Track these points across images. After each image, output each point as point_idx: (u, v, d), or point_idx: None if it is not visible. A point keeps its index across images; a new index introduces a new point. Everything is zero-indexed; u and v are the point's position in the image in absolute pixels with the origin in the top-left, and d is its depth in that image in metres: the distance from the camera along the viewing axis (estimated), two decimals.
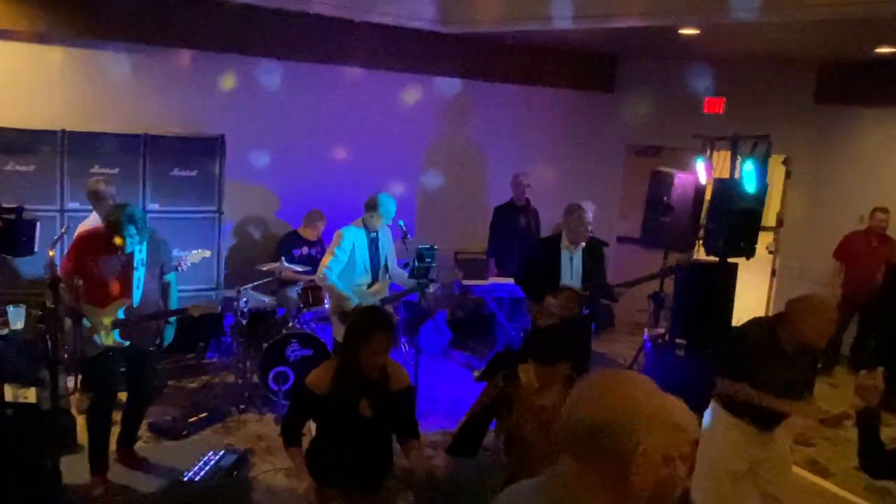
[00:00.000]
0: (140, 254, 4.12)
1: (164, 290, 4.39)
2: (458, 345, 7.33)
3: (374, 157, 7.38)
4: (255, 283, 6.03)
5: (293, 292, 6.15)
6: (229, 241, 6.87)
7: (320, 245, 6.74)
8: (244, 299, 5.75)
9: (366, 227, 5.05)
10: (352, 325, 3.11)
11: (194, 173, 6.27)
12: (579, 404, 1.38)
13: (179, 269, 5.34)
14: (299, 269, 6.01)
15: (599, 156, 8.51)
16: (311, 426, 3.28)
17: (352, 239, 4.97)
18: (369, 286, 5.07)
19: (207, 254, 5.51)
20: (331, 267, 4.95)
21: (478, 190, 8.12)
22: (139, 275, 4.12)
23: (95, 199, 4.98)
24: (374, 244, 5.07)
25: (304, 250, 6.62)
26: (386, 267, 5.19)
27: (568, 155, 8.39)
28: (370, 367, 2.99)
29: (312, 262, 6.65)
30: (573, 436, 1.37)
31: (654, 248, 6.45)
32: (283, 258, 6.01)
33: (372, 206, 5.03)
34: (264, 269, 6.01)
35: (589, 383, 1.41)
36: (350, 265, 4.99)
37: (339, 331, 5.00)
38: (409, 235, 5.24)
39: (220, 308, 5.11)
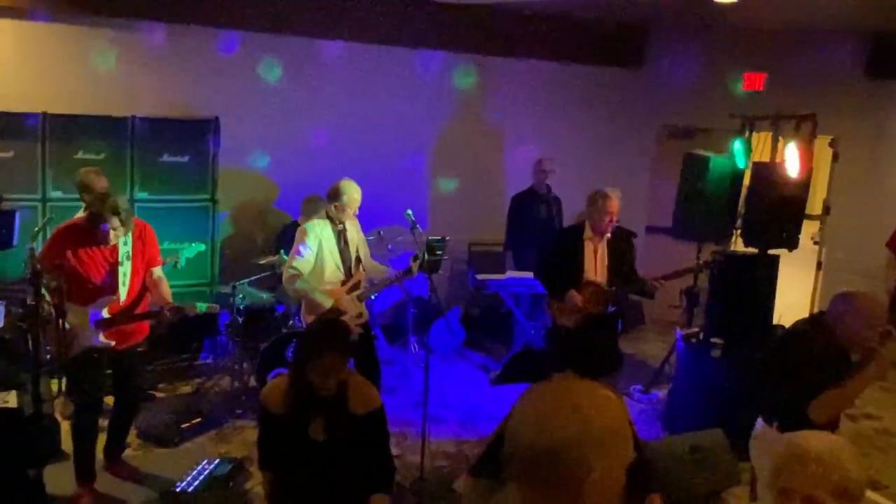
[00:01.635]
0: (125, 246, 4.12)
1: (152, 285, 4.36)
2: (472, 345, 7.32)
3: (383, 142, 7.37)
4: (252, 278, 6.03)
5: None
6: (224, 233, 6.88)
7: None
8: (241, 296, 5.75)
9: (331, 219, 4.93)
10: (301, 341, 3.07)
11: (186, 159, 6.29)
12: (524, 425, 1.31)
13: (176, 265, 5.34)
14: None
15: (628, 138, 8.44)
16: None
17: (317, 234, 4.86)
18: (343, 283, 4.97)
19: (202, 247, 5.58)
20: (297, 267, 4.80)
21: (495, 176, 8.09)
22: (125, 270, 4.13)
23: (87, 191, 4.90)
24: (342, 237, 4.96)
25: None
26: (359, 260, 5.08)
27: (593, 138, 8.34)
28: (323, 388, 2.91)
29: None
30: (519, 462, 1.31)
31: (687, 239, 6.39)
32: (282, 251, 5.99)
33: (334, 195, 4.88)
34: (262, 262, 6.02)
35: (533, 400, 1.34)
36: (319, 263, 4.88)
37: None
38: (418, 226, 5.10)
39: (219, 308, 5.13)
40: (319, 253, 4.87)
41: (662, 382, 6.29)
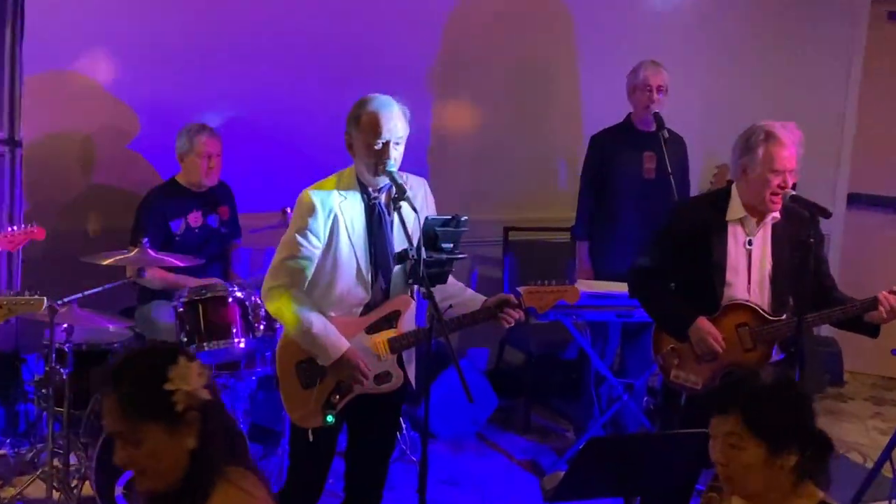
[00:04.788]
0: None
1: None
2: (510, 422, 7.54)
3: (352, 50, 7.44)
4: (87, 293, 6.03)
5: (169, 311, 6.21)
6: (34, 202, 6.96)
7: (228, 201, 6.88)
8: (64, 326, 5.79)
9: (360, 185, 4.84)
10: None
11: None
12: None
13: None
14: (182, 261, 6.17)
15: (812, 27, 8.55)
16: None
17: (330, 210, 4.75)
18: (364, 313, 4.89)
19: None
20: (293, 273, 4.74)
21: (556, 102, 8.16)
22: None
23: None
24: (378, 218, 4.88)
25: (195, 218, 6.74)
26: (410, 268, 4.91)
27: (746, 29, 8.46)
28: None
29: (215, 244, 6.95)
30: None
31: None
32: (145, 239, 6.06)
33: (358, 122, 4.70)
34: (107, 262, 6.02)
35: None
36: (330, 267, 4.86)
37: (291, 402, 4.83)
38: (407, 194, 4.94)
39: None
40: (332, 247, 4.78)
41: (880, 498, 6.26)
